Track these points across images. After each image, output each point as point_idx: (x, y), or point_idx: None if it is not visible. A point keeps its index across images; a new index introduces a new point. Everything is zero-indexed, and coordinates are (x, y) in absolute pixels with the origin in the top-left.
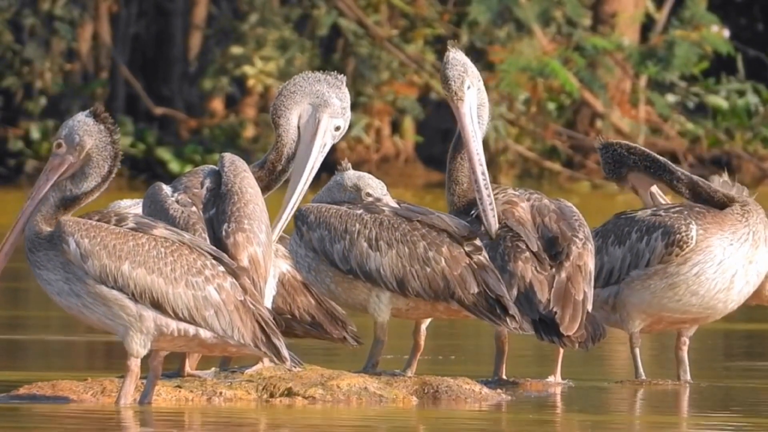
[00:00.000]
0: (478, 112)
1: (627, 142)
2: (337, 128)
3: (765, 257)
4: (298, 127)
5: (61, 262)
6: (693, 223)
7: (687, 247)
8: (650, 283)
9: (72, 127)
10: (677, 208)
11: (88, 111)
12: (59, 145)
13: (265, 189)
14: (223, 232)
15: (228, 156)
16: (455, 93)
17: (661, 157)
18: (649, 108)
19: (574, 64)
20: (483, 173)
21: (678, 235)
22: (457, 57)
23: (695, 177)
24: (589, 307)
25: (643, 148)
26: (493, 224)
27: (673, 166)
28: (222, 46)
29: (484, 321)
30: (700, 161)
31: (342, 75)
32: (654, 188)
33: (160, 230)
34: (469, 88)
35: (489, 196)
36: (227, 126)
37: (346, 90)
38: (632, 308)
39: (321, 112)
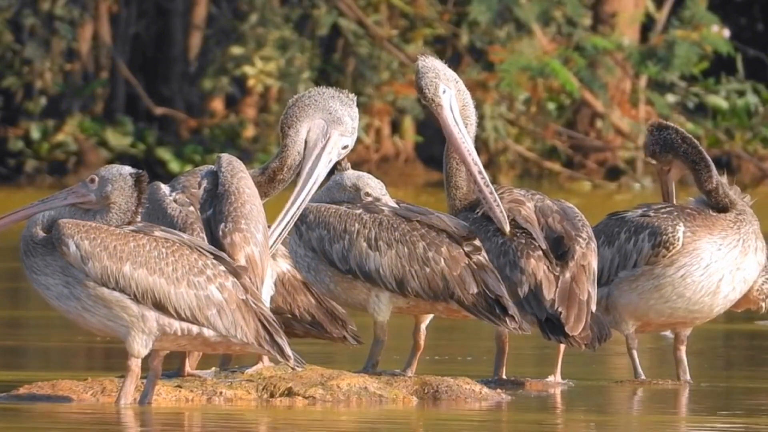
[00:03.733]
0: (463, 112)
1: (681, 130)
2: (345, 147)
3: (753, 266)
4: (306, 140)
5: (60, 266)
6: (681, 224)
7: (673, 248)
8: (637, 285)
9: (112, 176)
10: (667, 209)
11: (135, 171)
12: (92, 180)
13: (263, 196)
14: (221, 232)
15: (225, 156)
16: (432, 100)
17: (706, 155)
18: (649, 108)
19: (574, 64)
20: (480, 172)
21: (665, 236)
22: (426, 65)
23: (722, 182)
24: (593, 307)
25: (694, 140)
26: (503, 221)
27: (713, 166)
28: (222, 46)
29: (484, 321)
30: None
31: (353, 95)
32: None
33: (160, 232)
34: (444, 92)
35: (492, 193)
36: (227, 126)
37: (356, 110)
38: (622, 310)
39: (332, 128)
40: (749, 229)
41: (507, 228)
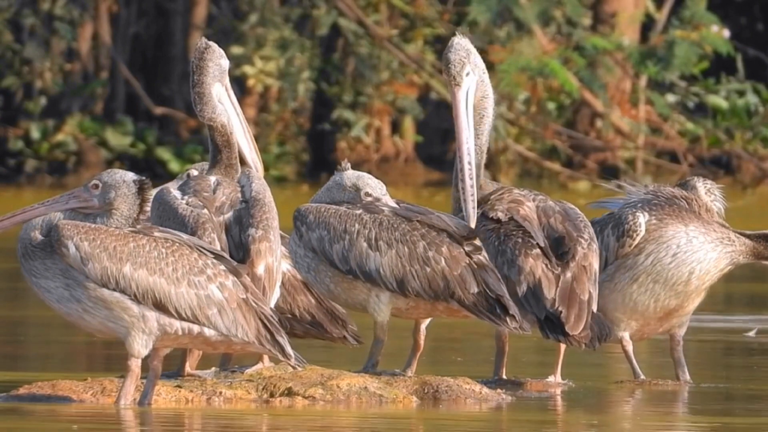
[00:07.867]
0: (482, 104)
1: None
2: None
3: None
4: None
5: (60, 269)
6: (640, 212)
7: (637, 235)
8: (615, 283)
9: (115, 182)
10: (633, 203)
11: (138, 178)
12: (95, 186)
13: (235, 167)
14: (250, 237)
15: (254, 170)
16: (453, 77)
17: None
18: (649, 108)
19: (574, 63)
20: (469, 162)
21: (626, 225)
22: (461, 43)
23: None
24: (594, 307)
25: None
26: (472, 215)
27: None
28: (222, 46)
29: (484, 321)
30: (700, 161)
31: (204, 40)
32: None
33: (159, 232)
34: (468, 75)
35: (472, 187)
36: None
37: (218, 48)
38: (612, 314)
39: (224, 79)
40: (738, 241)
41: (473, 224)
